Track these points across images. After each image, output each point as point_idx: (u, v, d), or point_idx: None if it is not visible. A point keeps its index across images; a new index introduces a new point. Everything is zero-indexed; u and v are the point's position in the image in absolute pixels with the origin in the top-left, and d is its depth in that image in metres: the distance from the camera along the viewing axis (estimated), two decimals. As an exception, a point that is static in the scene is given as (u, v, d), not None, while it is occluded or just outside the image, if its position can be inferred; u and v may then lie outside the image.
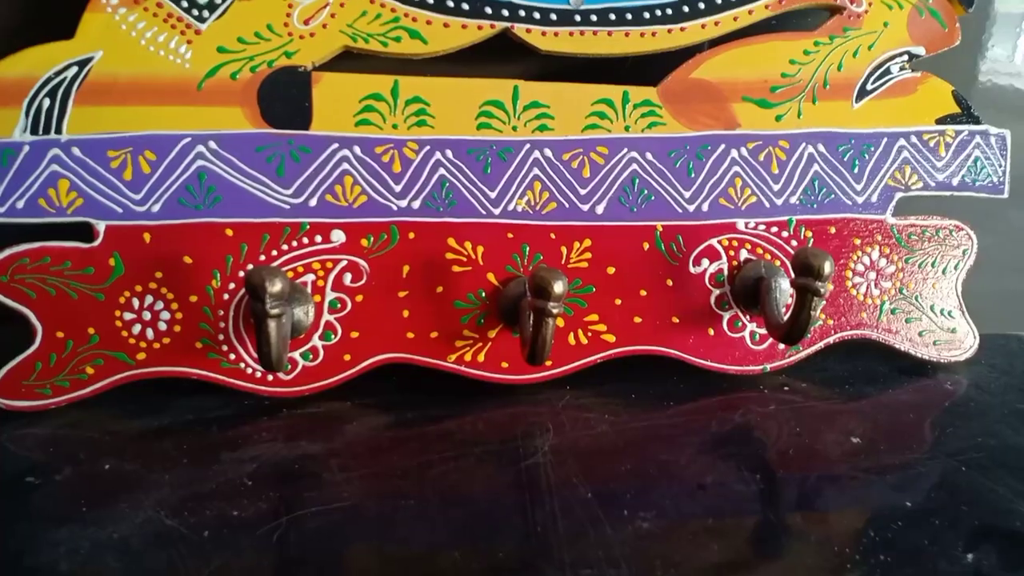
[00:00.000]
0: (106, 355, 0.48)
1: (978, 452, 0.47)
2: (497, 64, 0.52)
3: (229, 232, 0.48)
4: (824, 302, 0.48)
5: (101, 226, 0.47)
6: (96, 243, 0.47)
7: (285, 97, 0.48)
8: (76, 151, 0.47)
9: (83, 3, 0.46)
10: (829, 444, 0.47)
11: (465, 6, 0.49)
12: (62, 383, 0.48)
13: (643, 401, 0.52)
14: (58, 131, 0.46)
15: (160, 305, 0.48)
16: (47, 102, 0.46)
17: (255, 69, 0.48)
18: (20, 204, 0.46)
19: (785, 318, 0.50)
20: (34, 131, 0.46)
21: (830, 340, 0.55)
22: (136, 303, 0.48)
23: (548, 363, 0.51)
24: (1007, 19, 0.63)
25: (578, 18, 0.50)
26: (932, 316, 0.57)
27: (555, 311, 0.45)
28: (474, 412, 0.51)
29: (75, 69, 0.46)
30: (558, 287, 0.44)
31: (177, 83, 0.47)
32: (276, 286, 0.42)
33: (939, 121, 0.55)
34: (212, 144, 0.48)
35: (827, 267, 0.46)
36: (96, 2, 0.46)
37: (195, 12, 0.47)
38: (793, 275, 0.48)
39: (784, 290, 0.52)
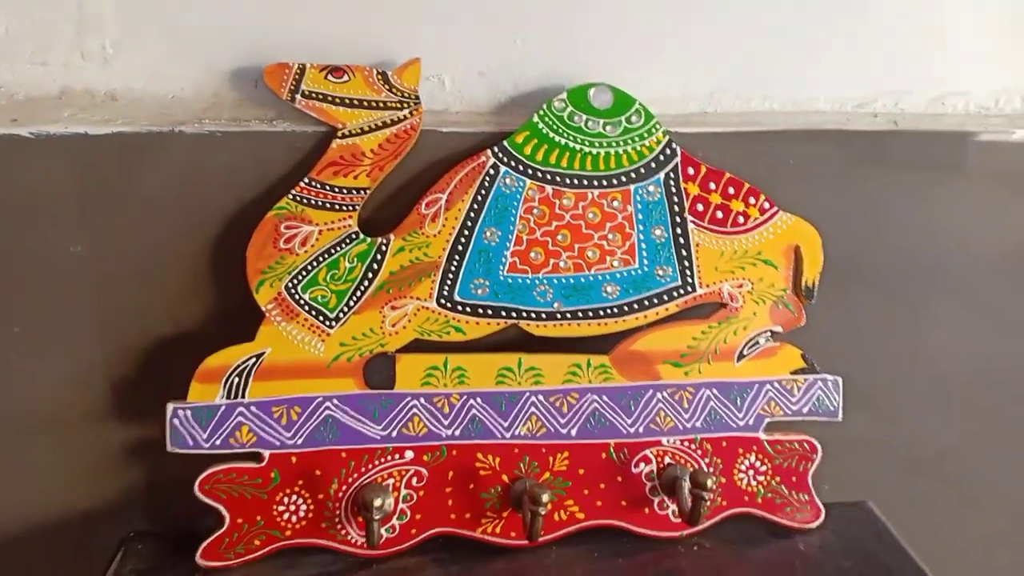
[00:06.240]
0: (267, 532, 0.78)
1: (803, 599, 0.76)
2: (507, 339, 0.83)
3: (343, 454, 0.78)
4: (708, 501, 0.78)
5: (266, 454, 0.77)
6: (263, 464, 0.77)
7: (379, 371, 0.79)
8: (253, 408, 0.77)
9: (259, 320, 0.77)
10: (717, 591, 0.76)
11: (490, 311, 0.80)
12: (240, 550, 0.78)
13: (604, 557, 0.81)
14: (242, 396, 0.77)
15: (300, 501, 0.78)
16: (237, 380, 0.77)
17: (361, 355, 0.78)
18: (218, 442, 0.76)
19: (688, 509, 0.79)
20: (227, 397, 0.77)
21: (724, 514, 0.84)
22: (286, 500, 0.78)
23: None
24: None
25: (559, 316, 0.81)
26: (792, 498, 0.85)
27: (542, 512, 0.75)
28: (494, 565, 0.80)
29: (254, 359, 0.77)
30: (544, 498, 0.74)
31: (314, 365, 0.78)
32: (379, 501, 0.72)
33: (793, 372, 0.84)
34: (335, 401, 0.78)
35: (709, 483, 0.76)
36: (268, 319, 0.77)
37: (327, 323, 0.78)
38: (690, 485, 0.77)
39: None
